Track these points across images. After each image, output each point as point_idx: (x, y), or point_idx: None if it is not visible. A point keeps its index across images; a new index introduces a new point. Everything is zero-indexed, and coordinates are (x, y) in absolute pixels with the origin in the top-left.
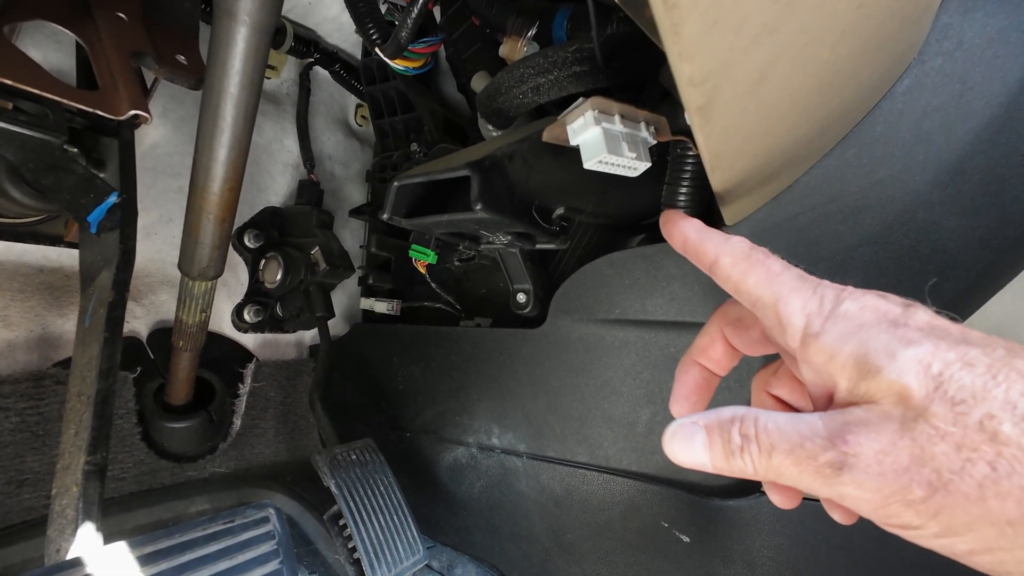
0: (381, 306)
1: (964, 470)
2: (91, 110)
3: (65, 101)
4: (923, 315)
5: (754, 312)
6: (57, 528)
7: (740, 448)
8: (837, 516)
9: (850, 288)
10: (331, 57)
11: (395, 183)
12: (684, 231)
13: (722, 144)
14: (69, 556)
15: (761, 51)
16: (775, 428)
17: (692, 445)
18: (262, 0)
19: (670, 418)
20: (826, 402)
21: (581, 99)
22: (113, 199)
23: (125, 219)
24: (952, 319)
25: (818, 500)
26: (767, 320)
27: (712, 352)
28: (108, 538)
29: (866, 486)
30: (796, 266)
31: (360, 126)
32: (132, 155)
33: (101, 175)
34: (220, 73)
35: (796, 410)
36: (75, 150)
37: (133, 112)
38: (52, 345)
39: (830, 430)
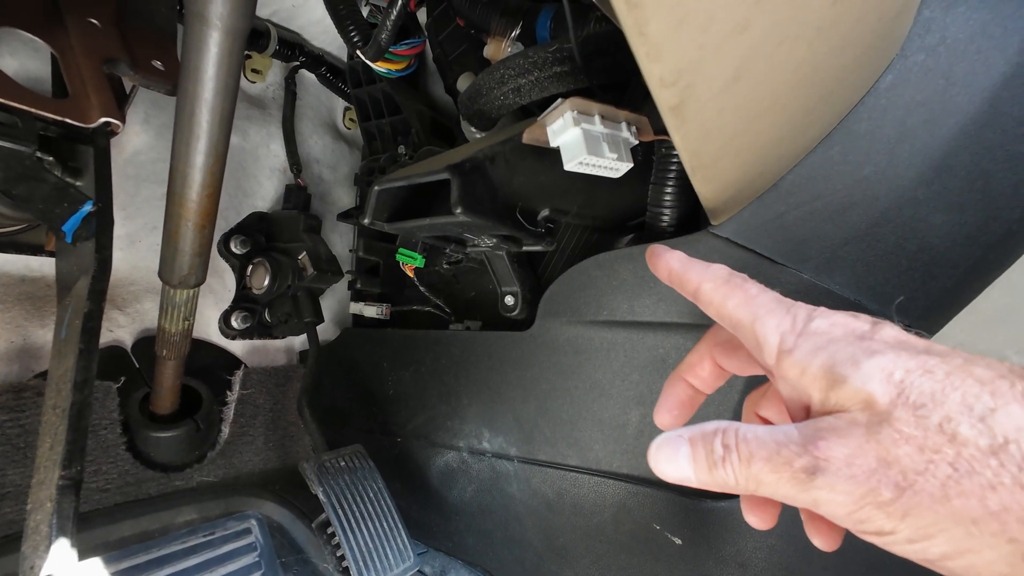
0: (370, 310)
1: (928, 471)
2: (59, 118)
3: (32, 110)
4: (890, 331)
5: (735, 334)
6: (31, 544)
7: (722, 459)
8: (818, 542)
9: (822, 308)
10: (317, 60)
11: (375, 187)
12: (668, 263)
13: (700, 144)
14: (42, 574)
15: (734, 49)
16: (754, 438)
17: (677, 458)
18: (234, 4)
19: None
20: (803, 414)
21: (560, 100)
22: (88, 208)
23: (101, 228)
24: (920, 335)
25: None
26: (746, 340)
27: (700, 370)
28: (91, 551)
29: (838, 489)
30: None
31: (348, 129)
32: (107, 163)
33: (78, 183)
34: (194, 79)
35: None
36: (50, 158)
37: (104, 119)
38: (33, 356)
39: (804, 437)
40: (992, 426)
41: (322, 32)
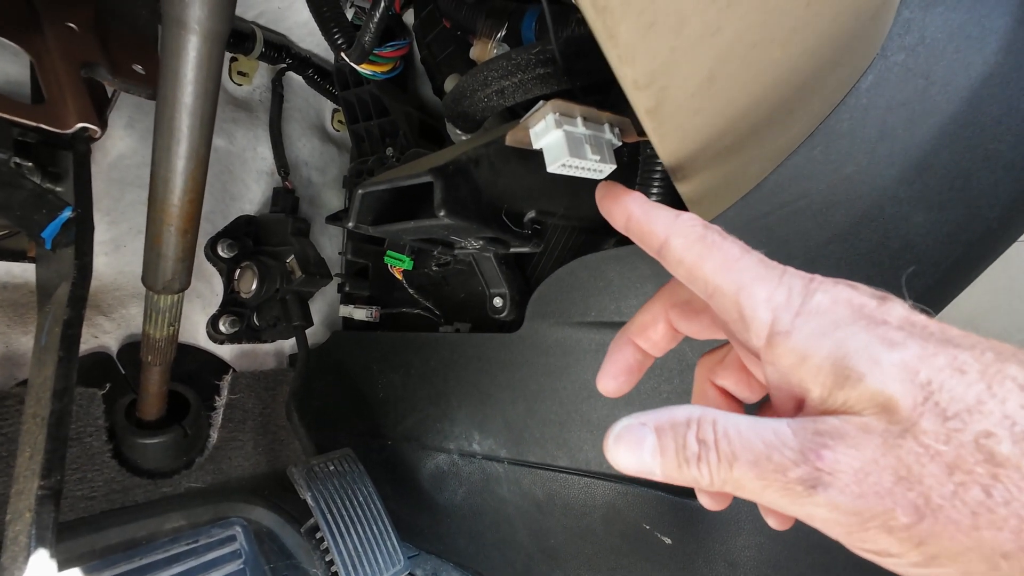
0: (360, 313)
1: (956, 495)
2: (35, 124)
3: (6, 116)
4: (900, 309)
5: (709, 302)
6: (11, 556)
7: (696, 456)
8: (772, 522)
9: (819, 277)
10: (304, 62)
11: (359, 191)
12: (627, 207)
13: (679, 145)
14: None
15: (707, 51)
16: (737, 434)
17: (640, 451)
18: (212, 7)
19: None
20: (793, 408)
21: (541, 102)
22: (67, 214)
23: (80, 234)
24: (925, 312)
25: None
26: (725, 312)
27: (652, 333)
28: (76, 560)
29: (842, 508)
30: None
31: (337, 131)
32: (87, 169)
33: (58, 189)
34: (173, 83)
35: (740, 403)
36: (29, 164)
37: (81, 125)
38: (16, 364)
39: (802, 441)
40: None
41: (309, 34)
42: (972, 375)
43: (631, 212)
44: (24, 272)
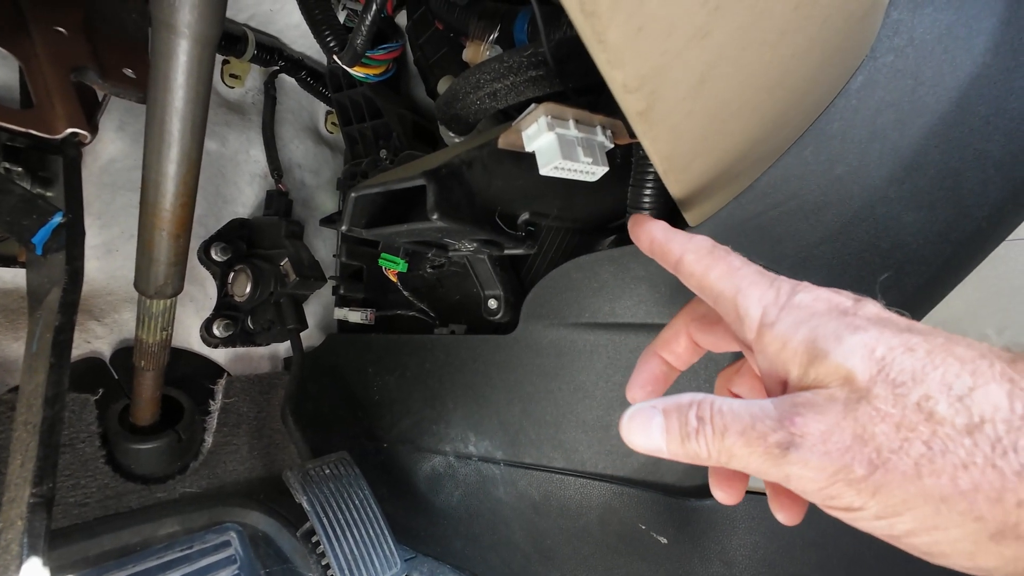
0: (355, 316)
1: (902, 449)
2: (23, 130)
3: None
4: (872, 308)
5: (715, 307)
6: (2, 564)
7: (696, 430)
8: (781, 516)
9: (806, 283)
10: (297, 64)
11: (352, 194)
12: (651, 232)
13: (671, 147)
14: None
15: (697, 55)
16: (729, 410)
17: (649, 428)
18: (202, 12)
19: None
20: (780, 389)
21: (534, 105)
22: (58, 219)
23: (71, 239)
24: (900, 314)
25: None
26: (727, 314)
27: (675, 346)
28: (70, 568)
29: (811, 465)
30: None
31: (331, 133)
32: (77, 173)
33: (48, 194)
34: (164, 87)
35: None
36: (19, 169)
37: (71, 130)
38: (7, 370)
39: (780, 412)
40: (969, 405)
41: (301, 36)
42: (920, 353)
43: (654, 236)
44: (14, 277)
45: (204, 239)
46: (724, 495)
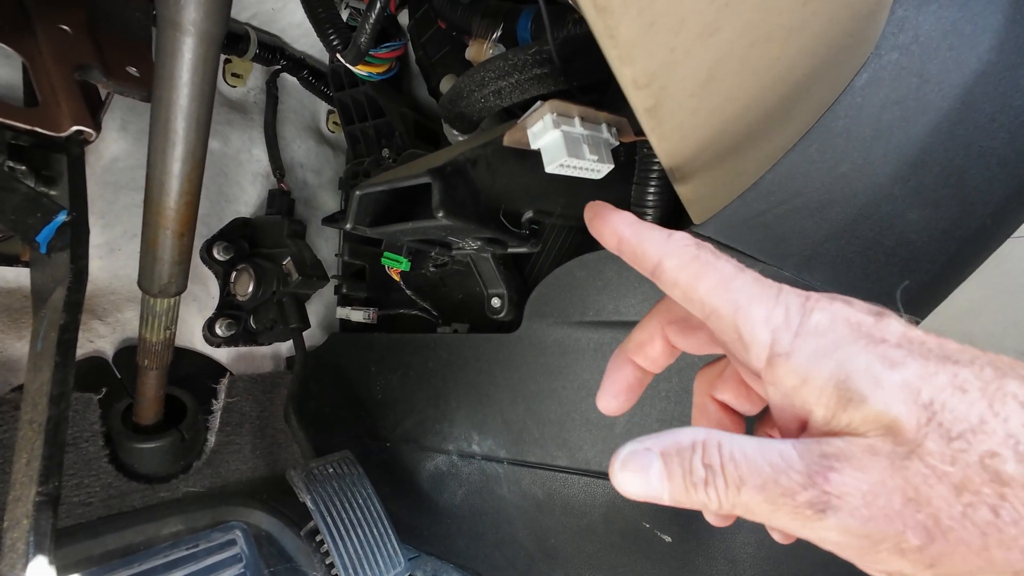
0: (357, 315)
1: (965, 516)
2: (28, 128)
3: None
4: (896, 326)
5: (707, 323)
6: (8, 563)
7: (704, 480)
8: (777, 536)
9: (815, 295)
10: (298, 63)
11: (356, 192)
12: (616, 228)
13: (677, 144)
14: None
15: (706, 51)
16: (743, 458)
17: (648, 476)
18: (207, 9)
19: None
20: (797, 428)
21: (539, 102)
22: (62, 218)
23: (76, 238)
24: (914, 322)
25: None
26: (724, 333)
27: (649, 350)
28: (73, 567)
29: (853, 532)
30: (750, 267)
31: (333, 132)
32: (82, 172)
33: (52, 192)
34: (168, 85)
35: (741, 416)
36: (23, 168)
37: (76, 128)
38: (11, 369)
39: (808, 464)
40: None
41: (303, 35)
42: (973, 393)
43: (621, 234)
44: (18, 277)
45: (207, 238)
46: (717, 519)
